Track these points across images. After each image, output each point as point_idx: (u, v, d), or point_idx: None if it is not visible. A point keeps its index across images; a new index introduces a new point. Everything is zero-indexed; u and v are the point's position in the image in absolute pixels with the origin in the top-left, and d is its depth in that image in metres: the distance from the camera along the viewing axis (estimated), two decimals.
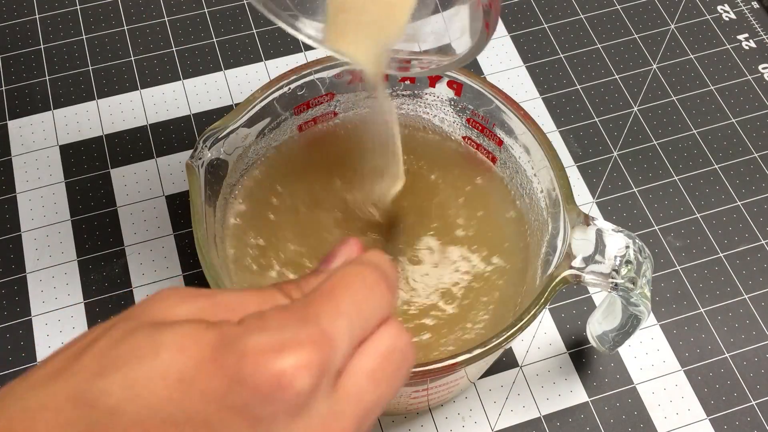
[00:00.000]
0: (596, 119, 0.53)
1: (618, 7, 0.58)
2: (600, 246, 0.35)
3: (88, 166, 0.50)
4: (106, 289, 0.46)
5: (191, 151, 0.37)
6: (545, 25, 0.57)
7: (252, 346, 0.20)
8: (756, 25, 0.58)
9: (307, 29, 0.35)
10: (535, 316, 0.33)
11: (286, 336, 0.21)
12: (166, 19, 0.57)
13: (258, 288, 0.24)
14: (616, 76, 0.55)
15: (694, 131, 0.53)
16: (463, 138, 0.43)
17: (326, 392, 0.22)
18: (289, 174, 0.42)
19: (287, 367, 0.20)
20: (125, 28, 0.56)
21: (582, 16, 0.58)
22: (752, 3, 0.59)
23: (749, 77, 0.55)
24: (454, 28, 0.34)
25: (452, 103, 0.41)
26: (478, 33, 0.30)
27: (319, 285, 0.23)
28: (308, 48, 0.56)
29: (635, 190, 0.50)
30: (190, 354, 0.20)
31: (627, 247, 0.34)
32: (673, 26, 0.57)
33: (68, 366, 0.20)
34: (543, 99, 0.54)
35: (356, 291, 0.23)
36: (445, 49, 0.35)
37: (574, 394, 0.44)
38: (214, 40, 0.56)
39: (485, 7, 0.28)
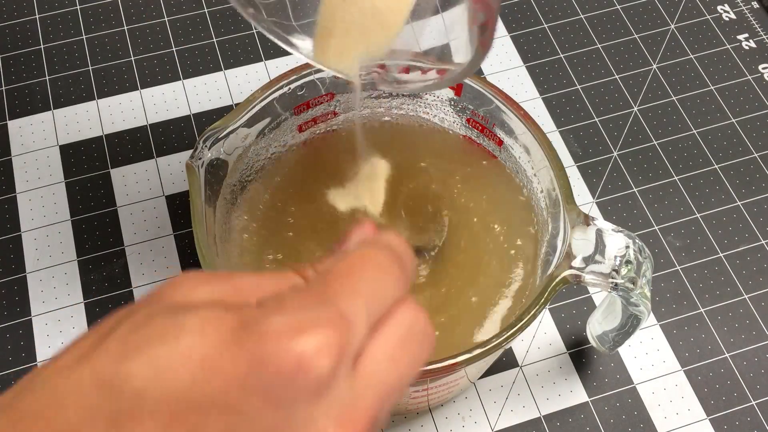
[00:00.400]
0: (596, 119, 0.53)
1: (618, 7, 0.58)
2: (600, 246, 0.35)
3: (88, 166, 0.51)
4: (106, 289, 0.46)
5: (191, 151, 0.37)
6: (545, 25, 0.57)
7: (272, 328, 0.20)
8: (756, 25, 0.58)
9: (299, 43, 0.35)
10: (535, 316, 0.33)
11: (306, 317, 0.21)
12: (166, 19, 0.57)
13: (274, 270, 0.24)
14: (616, 76, 0.55)
15: (694, 131, 0.53)
16: (463, 138, 0.43)
17: (346, 374, 0.22)
18: (289, 173, 0.42)
19: (308, 349, 0.20)
20: (125, 28, 0.56)
21: (582, 16, 0.58)
22: (752, 3, 0.59)
23: (749, 77, 0.55)
24: (449, 44, 0.34)
25: (452, 103, 0.41)
26: (473, 50, 0.30)
27: (334, 266, 0.23)
28: None
29: (635, 190, 0.50)
30: (211, 337, 0.20)
31: (627, 247, 0.34)
32: (673, 26, 0.57)
33: (93, 350, 0.20)
34: (543, 99, 0.54)
35: (371, 272, 0.23)
36: (442, 59, 0.35)
37: (574, 394, 0.44)
38: (214, 40, 0.56)
39: (481, 25, 0.28)
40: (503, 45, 0.56)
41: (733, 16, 0.58)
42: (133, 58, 0.55)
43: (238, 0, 0.33)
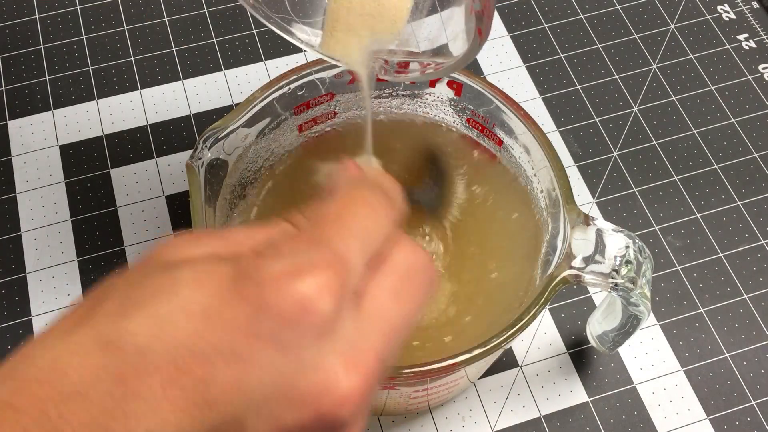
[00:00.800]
0: (596, 119, 0.53)
1: (618, 7, 0.58)
2: (600, 246, 0.35)
3: (88, 166, 0.51)
4: None
5: (191, 151, 0.37)
6: (545, 25, 0.57)
7: (270, 274, 0.20)
8: (756, 25, 0.58)
9: (300, 33, 0.35)
10: (535, 316, 0.33)
11: (301, 260, 0.21)
12: (166, 19, 0.57)
13: (264, 222, 0.24)
14: (616, 76, 0.55)
15: (694, 131, 0.53)
16: (463, 138, 0.43)
17: (350, 313, 0.22)
18: (289, 173, 0.42)
19: (307, 290, 0.20)
20: (125, 28, 0.56)
21: (582, 16, 0.58)
22: (752, 3, 0.59)
23: (749, 77, 0.55)
24: (448, 32, 0.34)
25: (452, 103, 0.41)
26: (471, 38, 0.30)
27: (324, 210, 0.24)
28: None
29: (635, 190, 0.50)
30: (209, 287, 0.20)
31: (627, 247, 0.34)
32: (673, 26, 0.57)
33: (91, 312, 0.20)
34: (543, 99, 0.54)
35: (361, 211, 0.24)
36: (440, 51, 0.35)
37: (574, 394, 0.44)
38: (214, 40, 0.56)
39: (478, 13, 0.28)
40: (503, 45, 0.56)
41: (733, 16, 0.58)
42: (133, 58, 0.55)
43: None
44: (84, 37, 0.56)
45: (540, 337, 0.45)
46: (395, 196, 0.25)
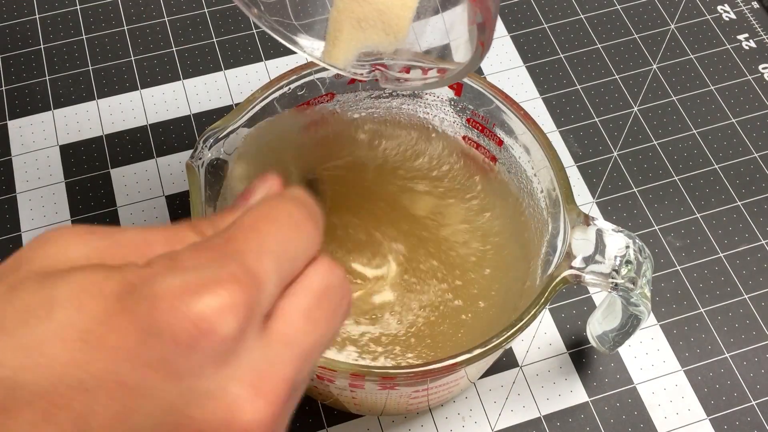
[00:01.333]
0: (596, 119, 0.53)
1: (618, 7, 0.58)
2: (600, 246, 0.35)
3: (88, 166, 0.51)
4: None
5: (191, 151, 0.37)
6: (545, 25, 0.57)
7: (164, 290, 0.18)
8: (756, 25, 0.58)
9: (303, 41, 0.35)
10: (535, 316, 0.33)
11: (205, 275, 0.18)
12: (166, 19, 0.57)
13: (165, 225, 0.21)
14: (616, 76, 0.55)
15: (694, 131, 0.53)
16: (463, 138, 0.43)
17: (256, 336, 0.19)
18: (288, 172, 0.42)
19: (207, 310, 0.18)
20: (125, 28, 0.56)
21: (582, 16, 0.58)
22: (752, 3, 0.59)
23: (749, 77, 0.55)
24: (451, 42, 0.34)
25: (452, 103, 0.41)
26: (473, 49, 0.30)
27: (238, 221, 0.21)
28: None
29: (635, 190, 0.50)
30: (91, 307, 0.18)
31: (627, 247, 0.34)
32: (673, 26, 0.57)
33: None
34: (543, 99, 0.54)
35: (282, 226, 0.21)
36: (442, 57, 0.35)
37: (574, 394, 0.44)
38: (214, 40, 0.56)
39: (480, 25, 0.28)
40: (503, 45, 0.56)
41: (733, 16, 0.58)
42: (133, 58, 0.55)
43: (242, 0, 0.33)
44: (84, 37, 0.56)
45: (540, 337, 0.45)
46: (319, 219, 0.23)
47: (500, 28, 0.57)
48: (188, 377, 0.18)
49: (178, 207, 0.49)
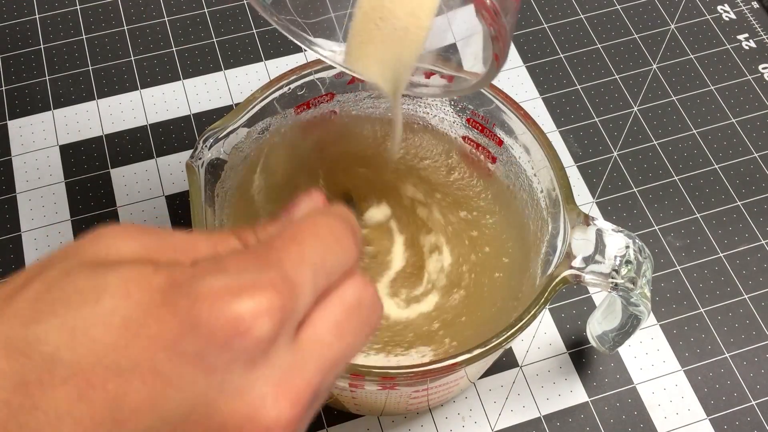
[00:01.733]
0: (596, 119, 0.53)
1: (618, 7, 0.58)
2: (600, 246, 0.35)
3: (88, 166, 0.51)
4: None
5: (191, 151, 0.37)
6: (545, 25, 0.57)
7: (207, 289, 0.19)
8: (756, 25, 0.58)
9: (324, 48, 0.35)
10: (535, 316, 0.33)
11: (246, 279, 0.19)
12: (166, 19, 0.57)
13: (211, 230, 0.23)
14: (616, 76, 0.55)
15: (694, 131, 0.53)
16: (463, 138, 0.43)
17: (287, 342, 0.20)
18: (288, 173, 0.42)
19: (245, 312, 0.19)
20: (125, 28, 0.56)
21: (582, 16, 0.58)
22: (752, 3, 0.59)
23: (749, 77, 0.55)
24: (467, 54, 0.34)
25: (452, 103, 0.41)
26: (489, 61, 0.30)
27: (281, 231, 0.22)
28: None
29: (635, 190, 0.50)
30: (136, 298, 0.19)
31: (627, 247, 0.34)
32: (673, 26, 0.57)
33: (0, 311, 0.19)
34: (543, 99, 0.54)
35: (323, 239, 0.22)
36: (459, 68, 0.35)
37: (574, 394, 0.44)
38: (214, 40, 0.56)
39: (493, 39, 0.28)
40: None
41: (733, 16, 0.58)
42: (133, 58, 0.55)
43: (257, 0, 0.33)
44: (84, 37, 0.56)
45: (540, 337, 0.45)
46: (359, 235, 0.24)
47: None
48: (219, 372, 0.19)
49: (178, 207, 0.49)
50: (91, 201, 0.49)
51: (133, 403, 0.18)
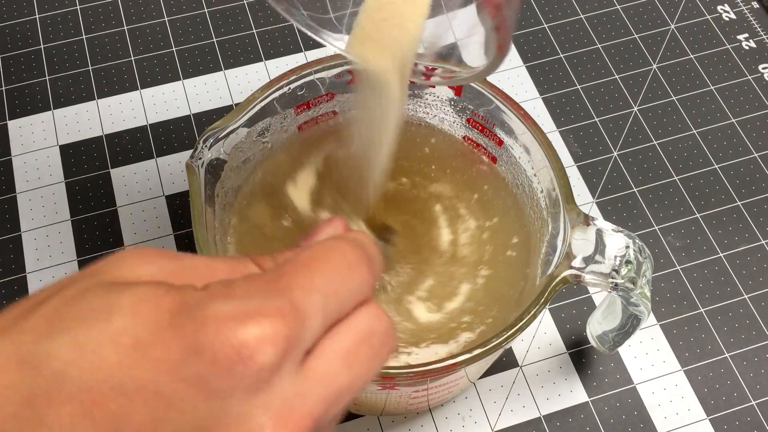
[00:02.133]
0: (596, 119, 0.53)
1: (618, 7, 0.58)
2: (600, 246, 0.35)
3: (88, 166, 0.51)
4: None
5: (191, 151, 0.37)
6: (545, 25, 0.57)
7: (213, 314, 0.19)
8: (756, 25, 0.58)
9: (331, 38, 0.35)
10: (535, 316, 0.33)
11: (253, 305, 0.19)
12: (166, 19, 0.57)
13: (230, 255, 0.23)
14: (616, 76, 0.55)
15: (694, 131, 0.53)
16: (463, 138, 0.43)
17: (292, 370, 0.20)
18: (288, 174, 0.42)
19: (249, 338, 0.19)
20: (125, 28, 0.56)
21: (582, 16, 0.58)
22: (752, 3, 0.59)
23: (749, 77, 0.55)
24: (471, 43, 0.34)
25: (452, 103, 0.41)
26: (494, 51, 0.30)
27: (294, 257, 0.22)
28: (308, 48, 0.56)
29: (635, 190, 0.50)
30: (145, 319, 0.19)
31: (627, 247, 0.34)
32: (673, 26, 0.57)
33: (16, 324, 0.19)
34: (543, 99, 0.54)
35: (335, 266, 0.22)
36: (462, 60, 0.35)
37: (574, 394, 0.44)
38: (214, 40, 0.56)
39: (494, 28, 0.28)
40: None
41: (733, 16, 0.58)
42: (133, 58, 0.55)
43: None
44: (84, 37, 0.56)
45: (540, 337, 0.45)
46: (377, 263, 0.23)
47: None
48: (220, 398, 0.19)
49: (178, 207, 0.49)
50: (91, 201, 0.49)
51: (135, 424, 0.18)
